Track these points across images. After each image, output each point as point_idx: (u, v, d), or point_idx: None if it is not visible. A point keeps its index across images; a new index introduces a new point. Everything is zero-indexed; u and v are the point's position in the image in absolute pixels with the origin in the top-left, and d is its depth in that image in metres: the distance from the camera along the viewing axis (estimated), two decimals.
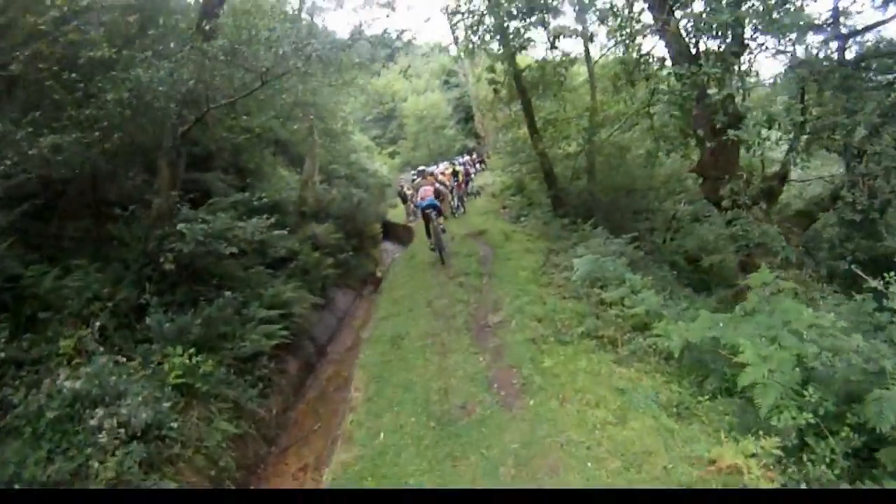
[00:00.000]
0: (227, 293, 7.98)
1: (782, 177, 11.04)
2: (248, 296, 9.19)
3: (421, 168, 14.82)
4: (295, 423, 8.00)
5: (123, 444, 5.01)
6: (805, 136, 10.28)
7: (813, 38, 10.27)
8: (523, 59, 17.35)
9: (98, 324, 6.49)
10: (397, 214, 23.43)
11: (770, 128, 9.43)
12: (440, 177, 20.23)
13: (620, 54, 15.57)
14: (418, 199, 10.69)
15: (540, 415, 4.71)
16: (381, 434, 4.88)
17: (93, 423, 4.87)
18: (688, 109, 11.37)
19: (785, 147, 10.64)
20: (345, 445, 4.89)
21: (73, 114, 7.09)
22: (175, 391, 5.96)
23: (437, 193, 10.87)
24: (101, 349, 5.83)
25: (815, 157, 11.24)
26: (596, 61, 20.41)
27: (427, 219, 10.51)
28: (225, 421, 6.43)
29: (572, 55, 16.10)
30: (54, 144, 6.74)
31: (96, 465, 4.76)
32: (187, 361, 6.32)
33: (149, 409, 5.24)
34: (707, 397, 5.31)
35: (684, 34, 10.18)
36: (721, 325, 5.69)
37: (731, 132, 8.33)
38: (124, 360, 6.08)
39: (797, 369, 4.68)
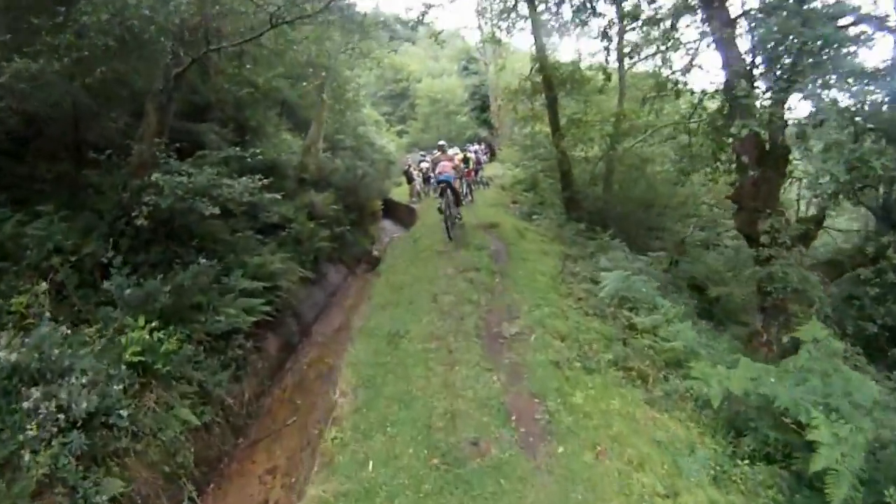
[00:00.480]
0: (205, 260, 7.03)
1: (819, 221, 10.39)
2: (230, 263, 8.32)
3: (441, 143, 14.50)
4: (268, 413, 7.17)
5: (62, 431, 4.15)
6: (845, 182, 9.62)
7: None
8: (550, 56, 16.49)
9: (57, 279, 5.59)
10: (401, 193, 22.47)
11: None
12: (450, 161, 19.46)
13: (655, 66, 14.97)
14: (436, 172, 10.57)
15: (573, 471, 3.89)
16: (371, 464, 4.03)
17: (27, 405, 3.99)
18: (723, 131, 10.82)
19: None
20: (324, 471, 4.07)
21: (49, 39, 6.08)
22: (131, 370, 5.08)
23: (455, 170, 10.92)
24: (49, 314, 4.89)
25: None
26: (628, 69, 19.67)
27: (442, 193, 10.32)
28: (187, 408, 5.59)
29: (605, 60, 15.30)
30: (26, 71, 5.74)
31: (27, 456, 3.91)
32: (147, 336, 5.43)
33: (96, 391, 4.37)
34: (745, 461, 4.58)
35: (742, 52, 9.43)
36: (772, 380, 4.92)
37: (798, 165, 7.51)
38: (76, 327, 5.18)
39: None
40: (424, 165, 20.18)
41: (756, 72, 9.20)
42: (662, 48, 14.38)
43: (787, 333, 7.67)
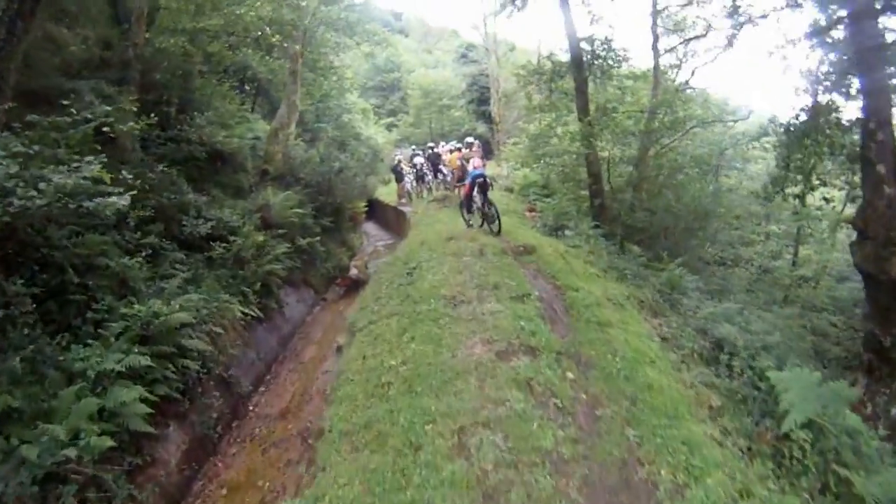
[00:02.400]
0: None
1: None
2: (101, 311, 5.10)
3: (469, 140, 13.67)
4: None
5: None
6: None
7: None
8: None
9: None
10: (388, 193, 19.14)
11: None
12: (446, 157, 16.20)
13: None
14: (470, 168, 9.78)
15: None
16: None
17: None
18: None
19: None
20: None
21: None
22: None
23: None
24: None
25: None
26: (666, 52, 16.67)
27: (473, 189, 9.43)
28: None
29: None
30: None
31: None
32: None
33: None
34: None
35: None
36: None
37: None
38: None
39: None
40: (418, 161, 16.89)
41: None
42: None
43: None
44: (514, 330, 4.65)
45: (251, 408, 6.51)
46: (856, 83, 9.19)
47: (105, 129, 5.79)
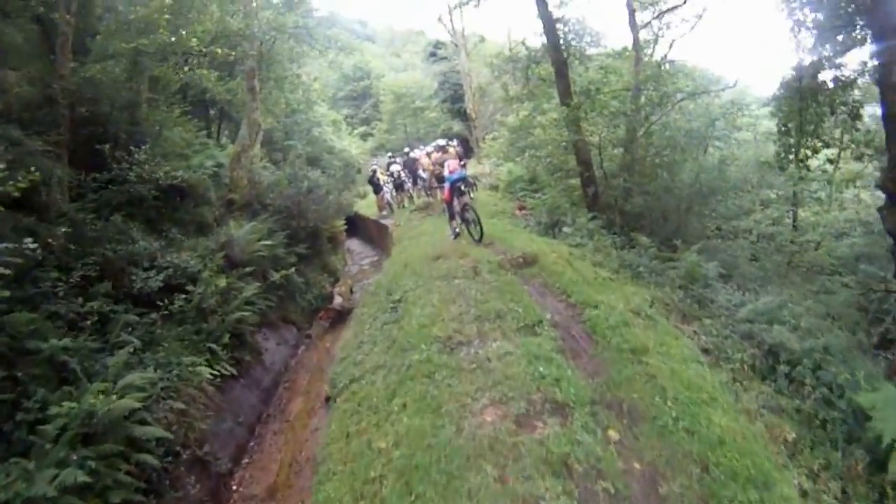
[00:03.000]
0: None
1: None
2: (33, 409, 4.16)
3: (440, 143, 12.14)
4: None
5: None
6: None
7: None
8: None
9: None
10: (369, 205, 18.15)
11: None
12: (424, 161, 15.22)
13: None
14: (446, 172, 9.07)
15: None
16: None
17: None
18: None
19: None
20: None
21: None
22: None
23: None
24: None
25: None
26: (643, 26, 15.82)
27: (455, 194, 8.75)
28: None
29: None
30: None
31: None
32: None
33: None
34: None
35: None
36: None
37: None
38: None
39: None
40: (395, 168, 15.89)
41: None
42: None
43: None
44: (531, 379, 3.68)
45: (234, 487, 5.51)
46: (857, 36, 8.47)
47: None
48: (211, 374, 6.12)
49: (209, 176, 10.71)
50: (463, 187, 8.92)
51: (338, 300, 9.91)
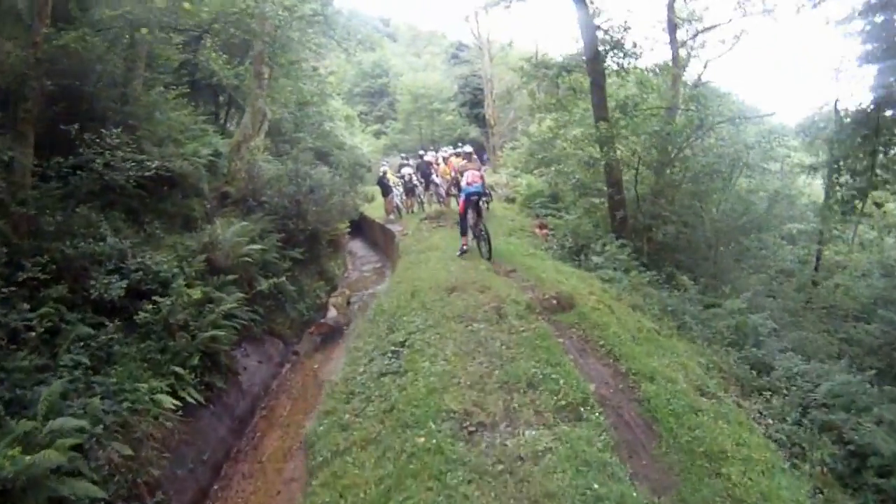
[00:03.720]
0: None
1: None
2: None
3: (466, 149, 11.10)
4: None
5: None
6: None
7: None
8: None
9: None
10: (377, 207, 17.15)
11: None
12: (440, 165, 14.23)
13: None
14: (464, 183, 8.53)
15: None
16: None
17: None
18: None
19: None
20: None
21: None
22: None
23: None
24: None
25: None
26: (682, 44, 14.87)
27: (470, 207, 8.30)
28: None
29: None
30: None
31: None
32: None
33: None
34: None
35: None
36: None
37: None
38: None
39: None
40: (406, 171, 14.89)
41: None
42: None
43: None
44: (579, 498, 2.70)
45: None
46: None
47: None
48: (174, 404, 5.16)
49: (204, 165, 9.80)
50: (480, 203, 8.43)
51: (332, 313, 8.94)
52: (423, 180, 14.69)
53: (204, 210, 9.26)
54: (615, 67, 11.07)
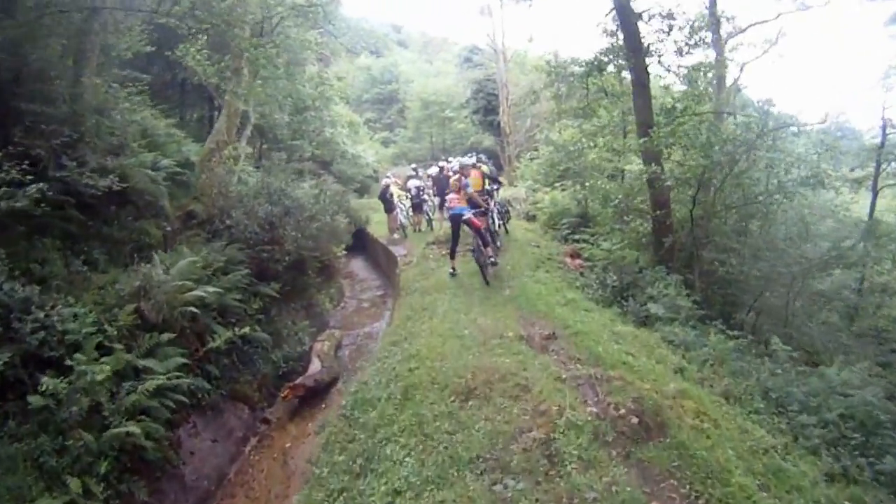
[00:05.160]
0: None
1: None
2: None
3: (467, 160, 9.98)
4: None
5: None
6: None
7: None
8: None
9: None
10: (380, 222, 15.24)
11: None
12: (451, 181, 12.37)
13: None
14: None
15: None
16: None
17: None
18: None
19: None
20: None
21: None
22: None
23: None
24: None
25: None
26: (726, 40, 13.02)
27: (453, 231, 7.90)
28: None
29: None
30: None
31: None
32: None
33: None
34: None
35: None
36: None
37: None
38: None
39: None
40: (414, 184, 13.06)
41: None
42: None
43: None
44: None
45: None
46: None
47: None
48: None
49: (166, 178, 8.12)
50: (458, 226, 8.02)
51: (315, 366, 7.15)
52: (438, 195, 12.54)
53: (161, 234, 7.56)
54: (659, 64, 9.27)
